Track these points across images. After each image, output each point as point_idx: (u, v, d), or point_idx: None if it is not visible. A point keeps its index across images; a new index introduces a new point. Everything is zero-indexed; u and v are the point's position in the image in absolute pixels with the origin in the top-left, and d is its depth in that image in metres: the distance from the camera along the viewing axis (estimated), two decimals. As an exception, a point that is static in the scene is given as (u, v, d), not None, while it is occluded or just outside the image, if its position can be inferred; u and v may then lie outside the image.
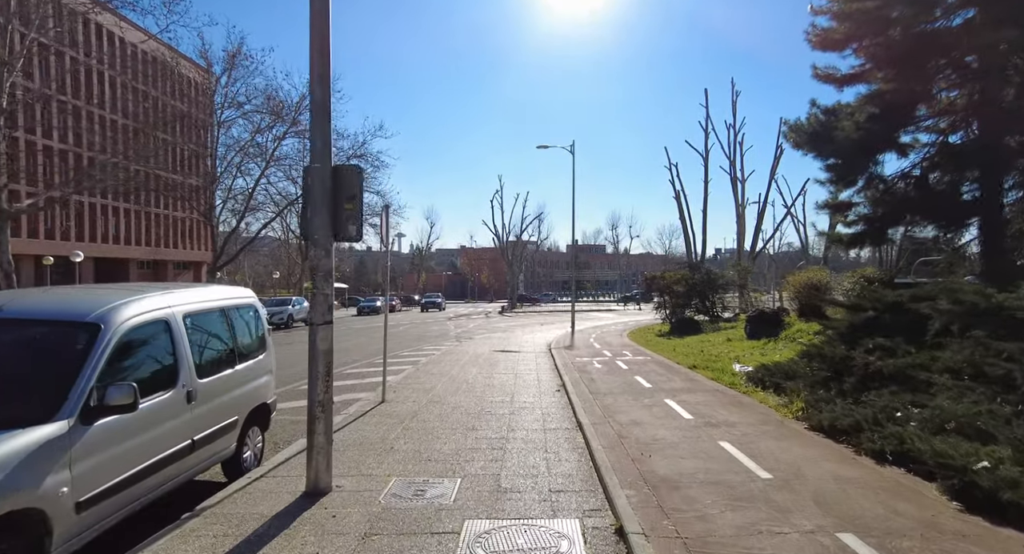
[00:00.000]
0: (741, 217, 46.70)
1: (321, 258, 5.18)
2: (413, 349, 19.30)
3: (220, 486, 5.73)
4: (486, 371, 13.04)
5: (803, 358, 10.50)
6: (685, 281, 27.11)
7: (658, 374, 11.72)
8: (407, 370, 13.58)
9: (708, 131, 44.53)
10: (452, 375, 12.47)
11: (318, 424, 5.28)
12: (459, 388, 10.72)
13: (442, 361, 15.28)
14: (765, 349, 16.18)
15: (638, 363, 13.64)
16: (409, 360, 15.93)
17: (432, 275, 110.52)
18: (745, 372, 12.17)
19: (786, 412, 7.78)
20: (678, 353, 16.11)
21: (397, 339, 23.48)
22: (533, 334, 25.35)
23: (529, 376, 12.22)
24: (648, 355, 15.48)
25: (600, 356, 15.41)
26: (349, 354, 17.71)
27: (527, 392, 10.24)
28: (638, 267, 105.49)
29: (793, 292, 20.06)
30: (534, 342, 21.03)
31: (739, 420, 7.42)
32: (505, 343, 20.76)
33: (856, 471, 5.30)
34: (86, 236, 48.60)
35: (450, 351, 18.08)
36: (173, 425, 4.73)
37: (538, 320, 38.49)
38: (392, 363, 15.28)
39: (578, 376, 11.65)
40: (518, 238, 66.68)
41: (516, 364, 14.34)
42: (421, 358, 16.28)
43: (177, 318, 5.01)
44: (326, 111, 5.23)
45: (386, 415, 8.43)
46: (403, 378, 12.21)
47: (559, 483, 5.35)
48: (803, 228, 54.80)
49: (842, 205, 20.48)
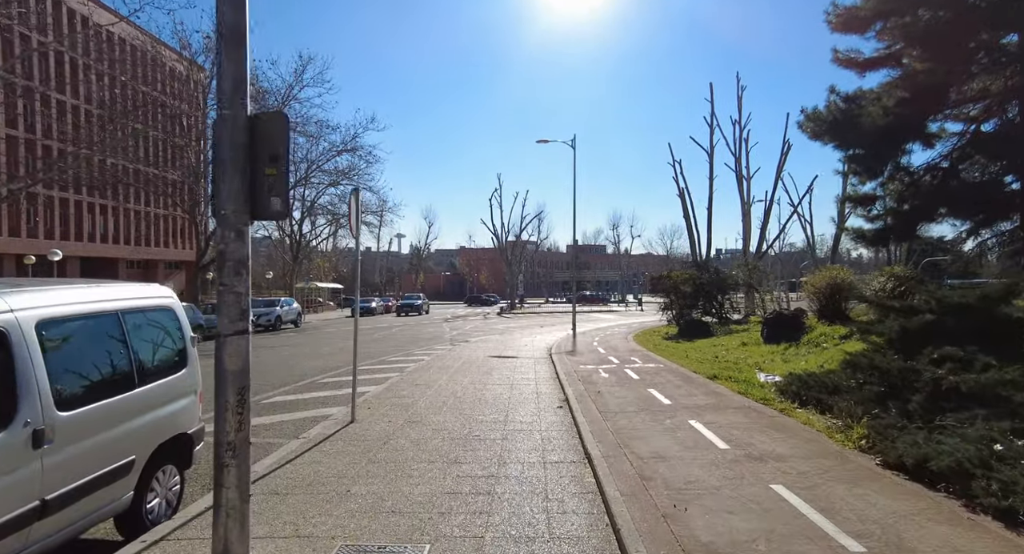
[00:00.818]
0: (747, 215, 45.27)
1: (231, 242, 3.66)
2: (402, 353, 17.82)
3: (112, 547, 4.26)
4: (479, 381, 11.55)
5: (847, 368, 9.03)
6: (693, 281, 25.62)
7: (675, 386, 10.22)
8: (391, 379, 12.10)
9: (713, 126, 43.06)
10: (440, 386, 10.98)
11: (227, 474, 3.76)
12: (445, 403, 9.23)
13: (431, 368, 13.79)
14: (787, 355, 14.70)
15: (650, 372, 12.14)
16: (396, 366, 14.45)
17: (431, 276, 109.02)
18: (772, 382, 10.70)
19: (843, 440, 6.28)
20: (691, 359, 14.63)
21: (387, 343, 21.99)
22: (532, 337, 23.86)
23: (527, 387, 10.73)
24: (659, 362, 13.99)
25: (606, 363, 13.92)
26: (333, 359, 16.22)
27: (524, 409, 8.75)
28: (639, 267, 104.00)
29: (812, 292, 18.56)
30: (533, 346, 19.54)
31: (788, 451, 5.93)
32: (502, 347, 19.28)
33: (984, 541, 3.80)
34: (71, 235, 47.08)
35: (442, 356, 16.59)
36: (3, 483, 3.25)
37: (537, 322, 37.01)
38: (376, 370, 13.81)
39: (583, 388, 10.15)
40: (517, 238, 65.20)
41: (513, 372, 12.86)
42: (409, 364, 14.80)
43: (21, 327, 3.52)
44: (239, 38, 3.73)
45: (352, 440, 6.94)
46: (384, 389, 10.72)
47: (565, 552, 3.88)
48: (810, 227, 53.34)
49: (866, 198, 18.99)
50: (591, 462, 5.75)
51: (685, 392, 9.56)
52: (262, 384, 12.08)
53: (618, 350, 17.10)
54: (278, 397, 10.49)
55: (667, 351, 16.68)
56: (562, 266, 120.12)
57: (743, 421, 7.35)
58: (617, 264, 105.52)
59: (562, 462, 5.95)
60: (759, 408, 8.15)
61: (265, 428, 8.05)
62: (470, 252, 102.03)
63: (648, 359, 14.60)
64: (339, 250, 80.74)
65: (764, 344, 17.06)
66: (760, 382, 10.62)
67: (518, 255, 66.62)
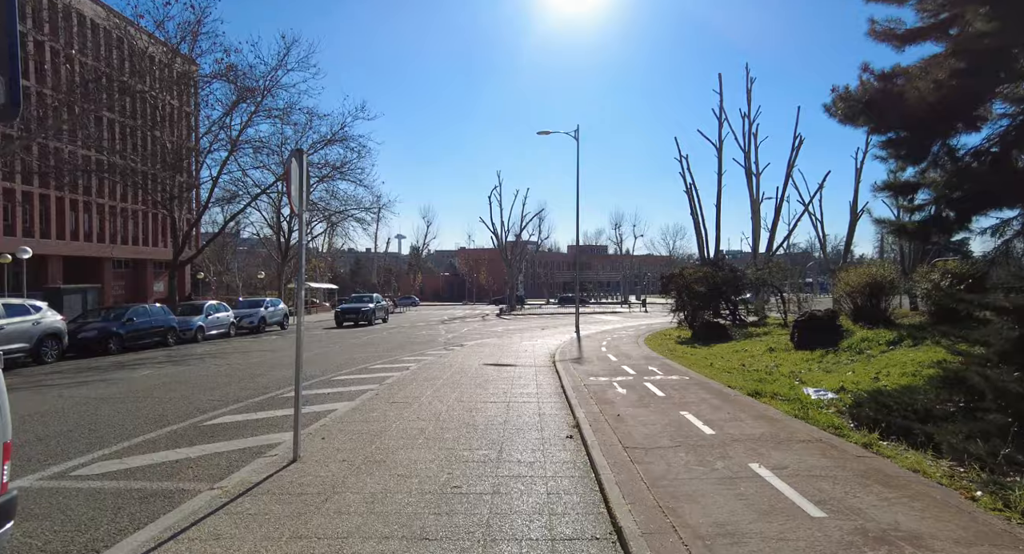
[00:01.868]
0: (756, 212, 43.41)
1: None
2: (388, 360, 15.85)
3: None
4: (469, 397, 9.58)
5: (938, 387, 7.07)
6: (707, 280, 23.63)
7: (713, 407, 8.23)
8: (366, 393, 10.12)
9: (722, 119, 41.23)
10: (421, 404, 9.01)
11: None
12: (423, 431, 7.26)
13: (416, 379, 11.82)
14: (826, 364, 12.75)
15: (675, 386, 10.15)
16: (376, 376, 12.49)
17: (430, 277, 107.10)
18: (827, 400, 8.74)
19: (993, 502, 4.29)
20: (717, 369, 12.66)
21: (374, 348, 20.03)
22: (533, 341, 21.89)
23: (527, 407, 8.76)
24: (682, 372, 11.99)
25: (620, 374, 11.93)
26: (308, 367, 14.20)
27: (524, 440, 6.78)
28: (641, 268, 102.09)
29: (846, 291, 16.59)
30: (534, 352, 17.57)
31: (922, 526, 3.94)
32: (500, 353, 17.31)
33: None
34: (52, 233, 45.08)
35: (431, 364, 14.62)
36: None
37: (538, 323, 35.02)
38: (352, 382, 11.83)
39: (597, 409, 8.17)
40: (517, 237, 63.20)
41: (510, 385, 10.89)
42: (392, 374, 12.84)
43: None
44: None
45: (283, 493, 4.97)
46: (352, 409, 8.74)
47: None
48: (820, 226, 51.30)
49: (908, 186, 17.03)
50: (624, 544, 3.78)
51: (728, 415, 7.57)
52: (215, 399, 10.13)
53: (631, 357, 15.11)
54: (226, 417, 8.53)
55: (687, 358, 14.70)
56: (563, 267, 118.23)
57: (824, 464, 5.36)
58: (619, 265, 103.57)
59: (578, 539, 3.98)
60: (834, 442, 6.16)
61: (187, 465, 6.09)
62: (469, 252, 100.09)
63: (668, 369, 12.61)
64: (334, 250, 78.83)
65: (795, 350, 15.10)
66: (812, 400, 8.66)
67: (518, 255, 64.61)
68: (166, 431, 7.71)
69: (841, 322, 15.79)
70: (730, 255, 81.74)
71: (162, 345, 21.48)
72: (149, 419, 8.49)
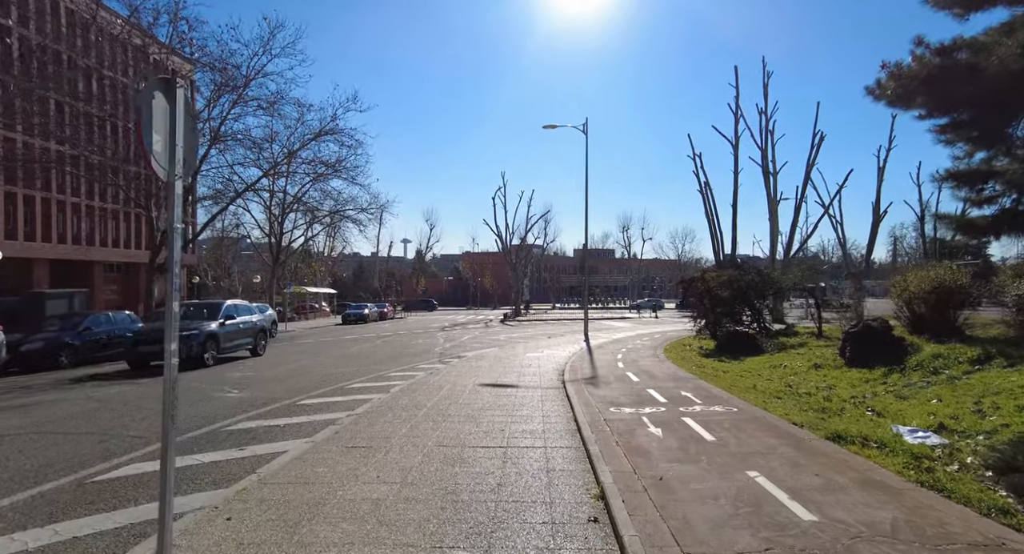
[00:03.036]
0: (774, 213, 41.05)
1: None
2: (371, 377, 13.65)
3: None
4: (454, 439, 7.35)
5: None
6: (731, 284, 21.30)
7: (788, 462, 5.93)
8: (325, 430, 7.91)
9: (738, 114, 38.99)
10: (388, 451, 6.78)
11: None
12: (377, 506, 5.01)
13: (395, 407, 9.59)
14: (893, 386, 10.45)
15: (724, 424, 7.84)
16: (349, 401, 10.28)
17: (434, 281, 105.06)
18: (933, 446, 6.47)
19: None
20: (763, 393, 10.36)
21: (361, 360, 17.83)
22: (539, 351, 19.64)
23: (531, 457, 6.52)
24: (726, 401, 9.65)
25: (648, 402, 9.62)
26: (276, 387, 12.03)
27: (523, 527, 4.53)
28: (649, 272, 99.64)
29: (905, 298, 14.23)
30: (539, 367, 15.33)
31: None
32: (500, 368, 15.07)
33: None
34: (38, 235, 43.23)
35: (419, 384, 12.41)
36: None
37: (544, 331, 32.75)
38: (317, 409, 9.49)
39: (628, 467, 5.89)
40: (522, 240, 60.94)
41: (509, 417, 8.65)
42: (371, 397, 10.63)
43: None
44: None
45: None
46: (295, 459, 6.49)
47: None
48: (840, 227, 48.73)
49: (977, 175, 14.76)
50: None
51: (818, 479, 5.28)
52: (136, 435, 7.97)
53: (655, 375, 12.82)
54: (124, 469, 6.33)
55: (722, 378, 12.39)
56: (569, 270, 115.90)
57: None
58: (626, 269, 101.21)
59: None
60: (1018, 543, 3.90)
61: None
62: (474, 256, 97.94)
63: (706, 394, 10.31)
64: (334, 254, 76.78)
65: (848, 367, 12.80)
66: (912, 446, 6.39)
67: (523, 258, 62.36)
68: (26, 496, 5.54)
69: (900, 334, 13.47)
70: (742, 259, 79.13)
71: (127, 356, 19.37)
72: (23, 472, 6.31)
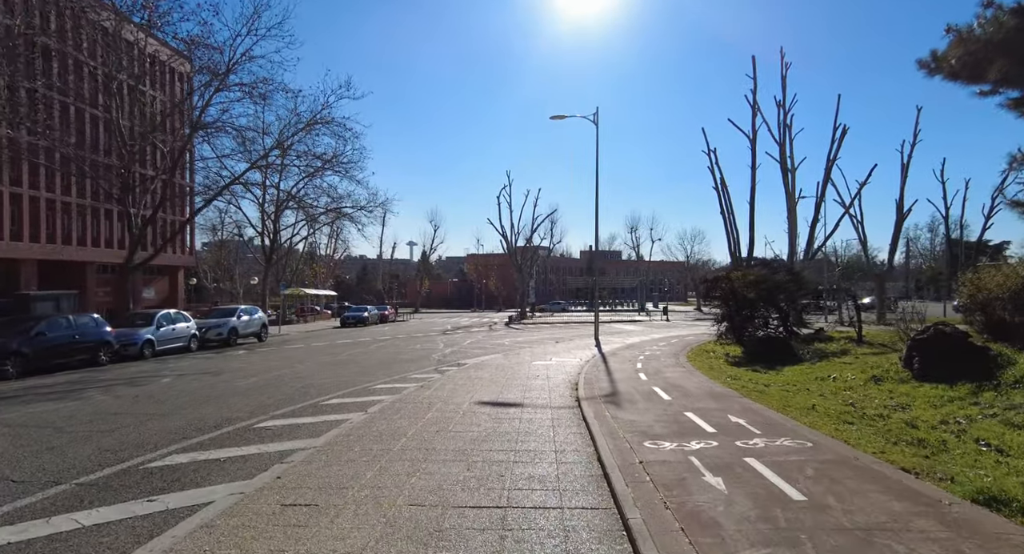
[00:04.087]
0: (792, 211, 38.88)
1: None
2: (353, 390, 11.68)
3: None
4: (433, 492, 5.34)
5: None
6: (760, 284, 19.19)
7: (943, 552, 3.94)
8: (267, 472, 5.95)
9: (756, 107, 36.86)
10: (342, 506, 4.79)
11: None
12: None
13: (366, 436, 7.60)
14: (989, 407, 8.37)
15: (805, 469, 5.80)
16: (318, 423, 8.30)
17: (438, 283, 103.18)
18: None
19: None
20: (831, 417, 8.29)
21: (347, 368, 15.88)
22: (547, 359, 17.63)
23: (540, 524, 4.51)
24: (799, 434, 7.52)
25: (694, 434, 7.53)
26: (239, 402, 10.00)
27: None
28: (657, 274, 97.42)
29: (976, 300, 12.18)
30: (548, 378, 13.32)
31: None
32: (503, 380, 13.08)
33: None
34: (26, 235, 41.58)
35: (405, 401, 10.42)
36: None
37: (551, 334, 30.71)
38: (276, 435, 7.05)
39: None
40: (528, 241, 58.86)
41: (512, 453, 6.65)
42: (346, 417, 8.66)
43: None
44: None
45: None
46: (201, 527, 4.53)
47: None
48: (861, 227, 46.30)
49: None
50: None
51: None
52: (40, 469, 6.03)
53: (688, 391, 10.77)
54: None
55: (769, 396, 10.32)
56: (575, 272, 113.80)
57: None
58: (634, 270, 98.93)
59: None
60: None
61: None
62: (478, 257, 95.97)
63: (760, 419, 8.26)
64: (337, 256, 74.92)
65: (916, 381, 10.72)
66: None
67: (529, 260, 60.29)
68: None
69: (980, 342, 11.38)
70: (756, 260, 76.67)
71: (92, 364, 17.50)
72: None
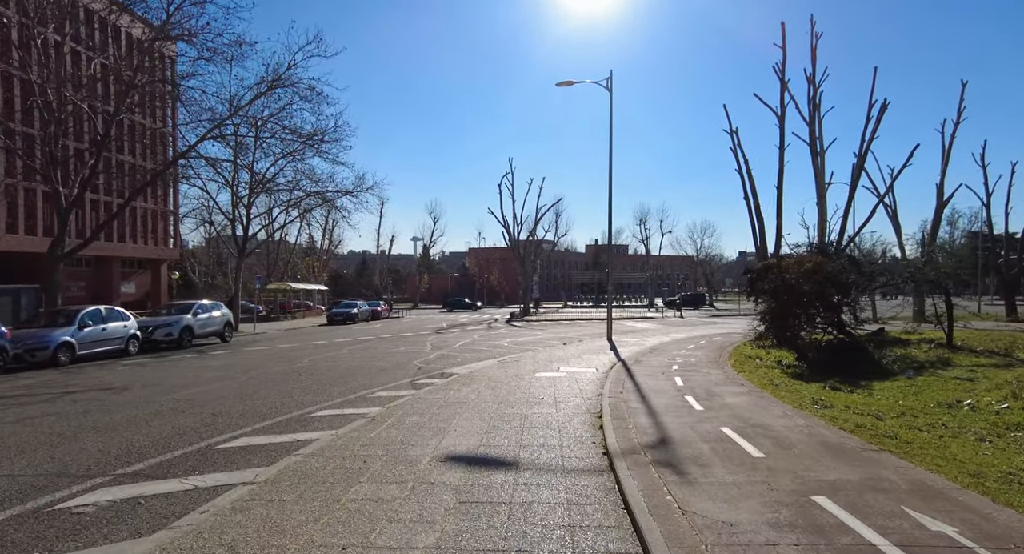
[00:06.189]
0: (822, 197, 34.88)
1: None
2: (274, 423, 7.98)
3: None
4: None
5: None
6: (813, 275, 15.34)
7: None
8: None
9: (784, 80, 32.85)
10: None
11: None
12: None
13: (257, 521, 3.94)
14: None
15: None
16: (200, 490, 4.63)
17: (439, 277, 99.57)
18: None
19: None
20: (1004, 482, 4.59)
21: (300, 382, 12.17)
22: (553, 369, 13.86)
23: None
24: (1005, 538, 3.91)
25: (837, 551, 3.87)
26: (118, 436, 6.32)
27: None
28: (665, 268, 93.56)
29: None
30: (557, 405, 9.59)
31: None
32: (494, 405, 9.36)
33: None
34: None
35: (336, 450, 6.73)
36: None
37: (557, 334, 26.93)
38: (68, 531, 3.78)
39: None
40: (531, 233, 55.05)
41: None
42: (224, 485, 4.98)
43: None
44: None
45: None
46: None
47: None
48: (895, 215, 42.39)
49: None
50: None
51: None
52: None
53: (783, 439, 7.04)
54: None
55: (910, 442, 6.60)
56: (580, 266, 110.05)
57: None
58: (642, 265, 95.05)
59: None
60: None
61: None
62: (480, 251, 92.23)
63: (955, 509, 4.56)
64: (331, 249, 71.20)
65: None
66: None
67: (532, 253, 56.47)
68: None
69: None
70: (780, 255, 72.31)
71: (-20, 374, 13.92)
72: None
